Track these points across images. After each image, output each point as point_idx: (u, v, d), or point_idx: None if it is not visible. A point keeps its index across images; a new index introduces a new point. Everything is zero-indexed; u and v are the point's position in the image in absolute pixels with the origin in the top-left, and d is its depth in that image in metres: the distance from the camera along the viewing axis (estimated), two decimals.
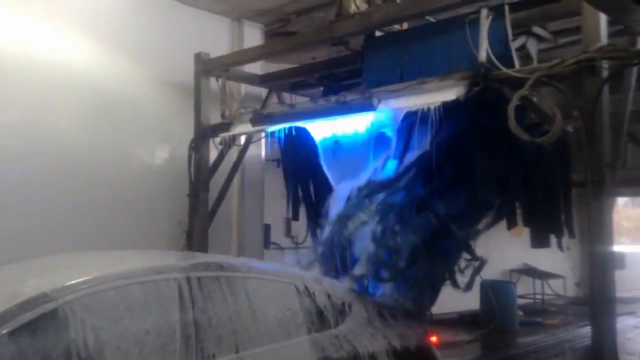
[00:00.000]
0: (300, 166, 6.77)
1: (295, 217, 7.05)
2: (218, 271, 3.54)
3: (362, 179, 5.83)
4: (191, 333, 3.22)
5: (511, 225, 5.93)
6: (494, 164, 5.54)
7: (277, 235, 8.84)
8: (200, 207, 7.27)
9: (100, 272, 3.18)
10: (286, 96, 8.35)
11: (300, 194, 6.91)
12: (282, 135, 6.55)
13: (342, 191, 6.12)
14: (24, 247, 5.53)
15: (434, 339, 4.50)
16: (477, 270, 5.74)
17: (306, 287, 3.92)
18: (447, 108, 5.13)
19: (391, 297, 5.07)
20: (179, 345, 3.15)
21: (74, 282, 2.99)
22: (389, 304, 4.63)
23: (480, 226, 5.65)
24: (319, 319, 3.88)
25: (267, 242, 8.71)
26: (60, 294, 2.87)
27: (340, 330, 3.94)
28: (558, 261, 12.44)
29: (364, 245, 5.72)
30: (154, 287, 3.23)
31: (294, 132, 6.43)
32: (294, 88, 8.22)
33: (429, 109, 5.13)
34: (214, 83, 7.38)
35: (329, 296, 4.04)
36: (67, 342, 2.79)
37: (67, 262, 3.58)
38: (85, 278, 3.05)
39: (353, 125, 6.11)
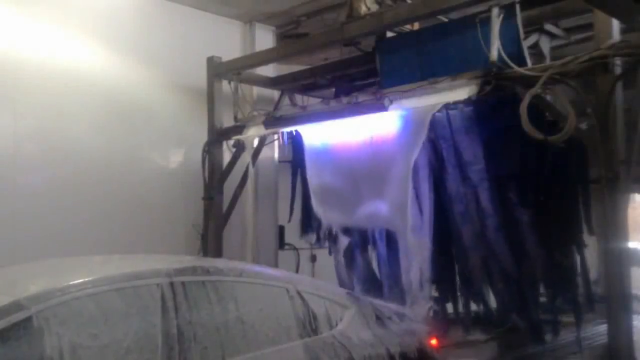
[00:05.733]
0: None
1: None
2: (204, 276, 3.35)
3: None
4: (174, 343, 3.03)
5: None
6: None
7: (292, 236, 8.86)
8: (214, 210, 7.34)
9: (77, 278, 3.00)
10: (298, 98, 8.38)
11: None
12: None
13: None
14: (41, 252, 5.59)
15: (434, 342, 4.32)
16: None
17: (298, 291, 3.74)
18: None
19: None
20: (161, 356, 2.97)
21: (48, 289, 2.84)
22: (388, 308, 4.41)
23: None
24: (312, 324, 3.70)
25: (281, 243, 8.74)
26: (34, 302, 2.73)
27: (335, 336, 3.74)
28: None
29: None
30: (134, 293, 3.03)
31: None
32: (306, 90, 8.24)
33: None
34: (226, 86, 7.43)
35: (323, 300, 3.86)
36: (41, 352, 2.65)
37: (44, 269, 3.45)
38: (60, 285, 2.89)
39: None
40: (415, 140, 5.44)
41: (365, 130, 5.98)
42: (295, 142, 6.89)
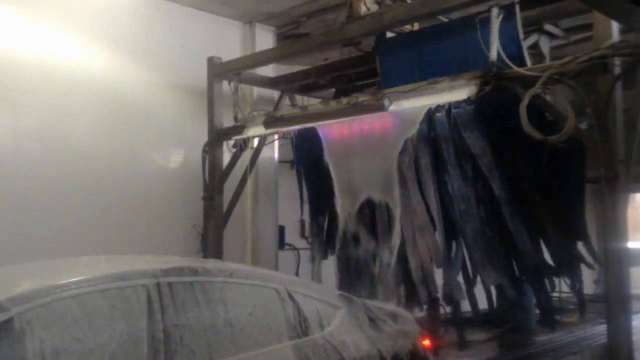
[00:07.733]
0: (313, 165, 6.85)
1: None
2: (192, 276, 3.25)
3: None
4: (160, 346, 2.93)
5: None
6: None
7: (292, 236, 8.88)
8: (214, 210, 7.33)
9: (61, 279, 2.89)
10: (298, 98, 8.39)
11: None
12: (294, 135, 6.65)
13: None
14: (41, 252, 5.59)
15: (426, 342, 4.28)
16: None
17: (289, 292, 3.65)
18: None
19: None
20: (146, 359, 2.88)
21: (30, 290, 2.74)
22: (381, 308, 4.34)
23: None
24: (303, 325, 3.62)
25: (281, 243, 8.74)
26: (14, 303, 2.62)
27: (326, 337, 3.67)
28: None
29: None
30: (119, 295, 2.93)
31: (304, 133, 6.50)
32: (306, 90, 8.25)
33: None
34: (226, 86, 7.43)
35: (314, 301, 3.78)
36: (23, 356, 2.55)
37: (29, 270, 3.37)
38: (42, 286, 2.79)
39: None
40: (403, 137, 5.55)
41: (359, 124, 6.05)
42: (299, 141, 6.90)
